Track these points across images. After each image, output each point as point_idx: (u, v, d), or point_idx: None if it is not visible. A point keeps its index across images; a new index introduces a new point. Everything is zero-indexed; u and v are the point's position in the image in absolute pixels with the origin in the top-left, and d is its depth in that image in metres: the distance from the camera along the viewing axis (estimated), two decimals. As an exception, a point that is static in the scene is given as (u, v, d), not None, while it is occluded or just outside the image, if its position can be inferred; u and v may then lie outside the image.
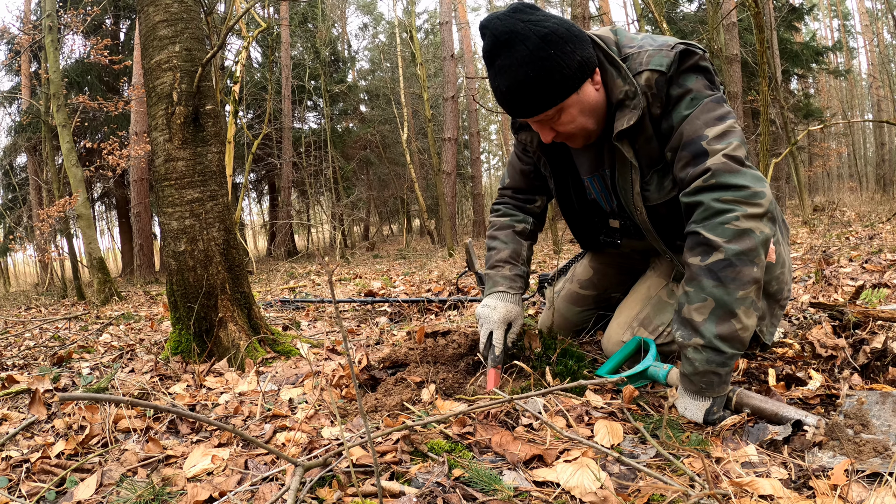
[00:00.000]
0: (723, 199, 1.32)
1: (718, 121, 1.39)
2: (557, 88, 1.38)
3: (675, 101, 1.43)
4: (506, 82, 1.39)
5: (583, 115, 1.45)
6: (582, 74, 1.39)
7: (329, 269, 0.82)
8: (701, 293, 1.31)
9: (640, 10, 10.46)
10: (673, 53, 1.41)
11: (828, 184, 22.98)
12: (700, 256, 1.33)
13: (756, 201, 1.31)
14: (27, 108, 12.77)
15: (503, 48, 1.36)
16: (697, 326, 1.32)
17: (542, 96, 1.38)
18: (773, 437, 1.22)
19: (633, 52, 1.46)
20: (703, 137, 1.38)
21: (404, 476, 1.14)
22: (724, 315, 1.29)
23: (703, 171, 1.35)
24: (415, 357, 1.81)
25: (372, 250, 16.80)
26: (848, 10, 28.00)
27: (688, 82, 1.43)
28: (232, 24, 4.17)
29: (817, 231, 6.81)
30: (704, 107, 1.40)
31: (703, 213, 1.34)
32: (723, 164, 1.33)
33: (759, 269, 1.30)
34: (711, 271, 1.30)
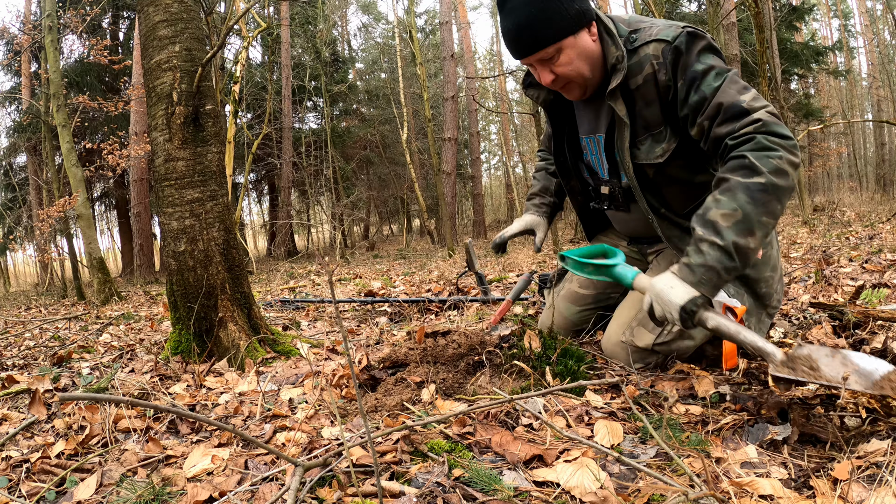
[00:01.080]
0: (772, 141, 1.42)
1: (745, 90, 1.52)
2: (556, 28, 1.55)
3: (702, 74, 1.54)
4: (513, 21, 1.58)
5: (580, 60, 1.61)
6: (579, 21, 1.57)
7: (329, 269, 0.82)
8: (733, 203, 1.40)
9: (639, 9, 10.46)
10: (681, 31, 1.55)
11: (828, 184, 22.97)
12: (742, 175, 1.42)
13: (797, 152, 1.44)
14: (27, 108, 12.76)
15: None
16: (720, 229, 1.40)
17: (543, 33, 1.56)
18: (773, 437, 1.22)
19: (645, 26, 1.63)
20: (742, 101, 1.48)
21: (404, 476, 1.14)
22: (745, 229, 1.39)
23: (755, 121, 1.45)
24: (415, 357, 1.81)
25: (372, 250, 16.81)
26: (850, 8, 28.00)
27: (709, 59, 1.55)
28: (232, 24, 4.18)
29: (817, 231, 6.81)
30: (731, 79, 1.52)
31: (754, 145, 1.43)
32: (770, 118, 1.45)
33: (781, 209, 1.43)
34: (749, 189, 1.40)
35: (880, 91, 21.75)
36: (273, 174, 18.87)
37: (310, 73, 17.56)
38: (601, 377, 1.72)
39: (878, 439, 1.17)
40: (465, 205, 24.32)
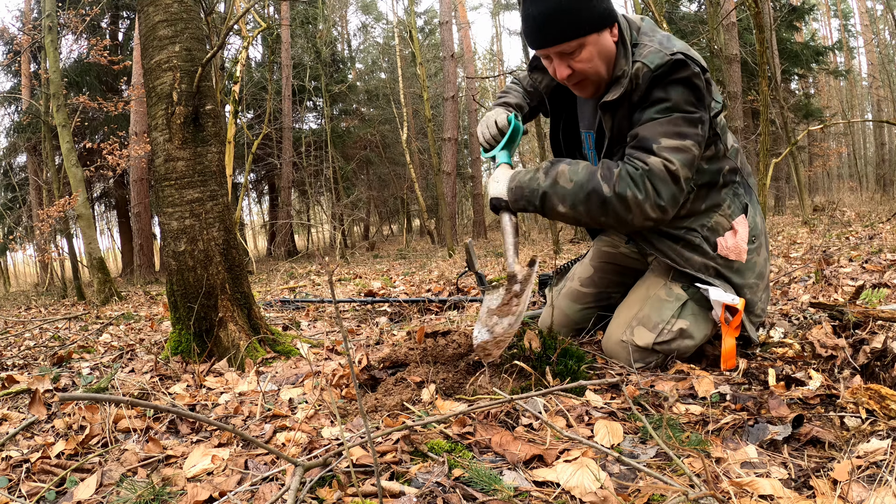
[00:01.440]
0: (645, 185, 1.58)
1: (678, 136, 1.57)
2: (583, 23, 1.57)
3: (653, 102, 1.60)
4: (541, 8, 1.57)
5: (599, 59, 1.63)
6: (605, 19, 1.60)
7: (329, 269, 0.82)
8: (579, 177, 1.66)
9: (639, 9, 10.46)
10: (669, 59, 1.56)
11: (828, 184, 22.98)
12: (605, 174, 1.63)
13: (654, 212, 1.60)
14: (27, 108, 12.76)
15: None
16: (552, 179, 1.69)
17: (570, 26, 1.56)
18: (773, 437, 1.22)
19: (645, 42, 1.66)
20: (656, 141, 1.58)
21: (404, 476, 1.14)
22: (563, 197, 1.67)
23: (644, 163, 1.59)
24: (415, 357, 1.81)
25: (372, 250, 16.81)
26: (850, 8, 27.99)
27: (672, 92, 1.58)
28: (232, 24, 4.18)
29: (817, 231, 6.81)
30: (673, 120, 1.58)
31: (631, 171, 1.60)
32: (660, 171, 1.57)
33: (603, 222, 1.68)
34: (595, 187, 1.62)
35: (880, 91, 21.75)
36: (273, 174, 18.87)
37: (310, 73, 17.55)
38: (601, 377, 1.72)
39: (878, 439, 1.17)
40: (465, 205, 24.33)
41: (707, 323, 1.78)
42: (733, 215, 1.81)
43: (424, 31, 23.05)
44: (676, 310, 1.77)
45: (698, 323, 1.77)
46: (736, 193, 1.83)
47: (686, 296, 1.78)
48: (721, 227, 1.79)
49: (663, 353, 1.77)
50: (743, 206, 1.84)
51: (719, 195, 1.80)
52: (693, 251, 1.78)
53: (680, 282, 1.80)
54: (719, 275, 1.79)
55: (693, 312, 1.77)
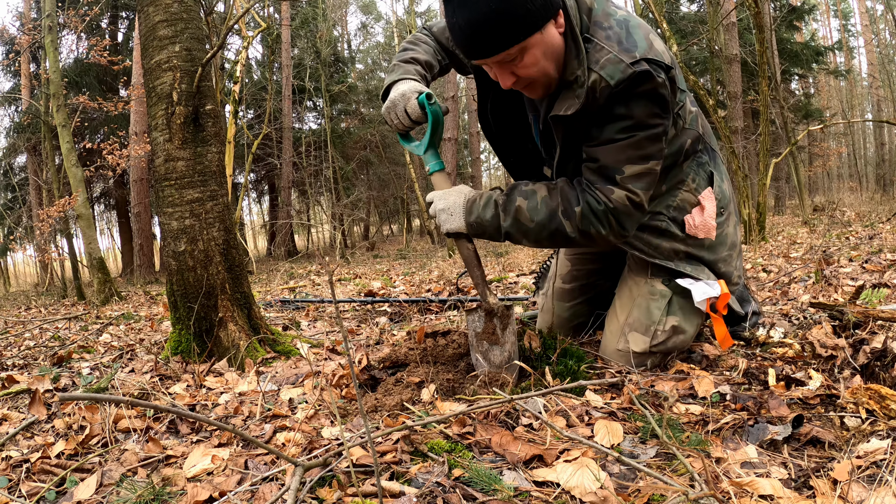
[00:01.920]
0: (608, 221, 1.53)
1: (641, 160, 1.48)
2: (521, 24, 1.34)
3: (614, 118, 1.46)
4: (466, 15, 1.35)
5: (546, 59, 1.42)
6: (546, 13, 1.36)
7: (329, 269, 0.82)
8: (539, 215, 1.57)
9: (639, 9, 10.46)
10: (630, 72, 1.39)
11: (828, 184, 22.98)
12: (564, 208, 1.55)
13: (618, 239, 1.58)
14: (27, 108, 12.77)
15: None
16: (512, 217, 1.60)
17: (505, 32, 1.34)
18: (773, 437, 1.22)
19: (600, 39, 1.44)
20: (619, 171, 1.49)
21: (404, 476, 1.14)
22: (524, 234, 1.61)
23: (608, 199, 1.51)
24: (415, 357, 1.81)
25: (372, 250, 16.81)
26: (850, 7, 27.99)
27: (634, 108, 1.44)
28: (232, 24, 4.18)
29: (817, 231, 6.81)
30: (636, 142, 1.46)
31: (594, 206, 1.53)
32: (623, 206, 1.51)
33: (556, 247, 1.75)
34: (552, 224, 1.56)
35: (880, 91, 21.75)
36: (273, 174, 18.87)
37: (310, 73, 17.56)
38: (601, 377, 1.72)
39: (878, 439, 1.17)
40: (465, 205, 24.27)
41: (697, 314, 1.76)
42: (699, 189, 1.71)
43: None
44: (664, 308, 1.73)
45: (688, 316, 1.75)
46: (700, 163, 1.73)
47: (670, 291, 1.74)
48: (688, 203, 1.70)
49: (661, 353, 1.77)
50: (708, 176, 1.73)
51: (681, 171, 1.70)
52: (660, 237, 1.71)
53: (660, 276, 1.75)
54: (690, 257, 1.72)
55: (681, 307, 1.74)
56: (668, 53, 1.49)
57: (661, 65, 1.41)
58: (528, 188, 1.62)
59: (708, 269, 1.75)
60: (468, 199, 1.67)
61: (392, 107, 1.73)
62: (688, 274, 1.72)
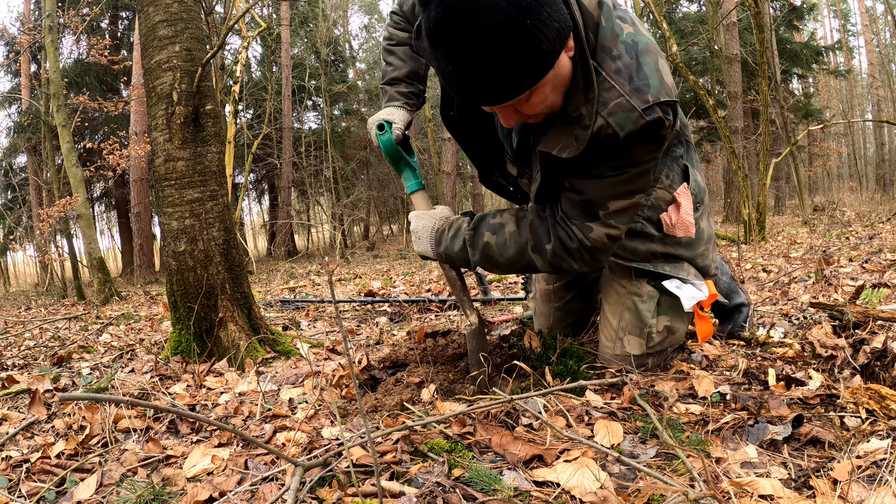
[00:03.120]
0: (581, 256, 1.47)
1: (628, 196, 1.38)
2: (535, 68, 1.11)
3: (609, 157, 1.33)
4: (465, 67, 1.09)
5: (555, 93, 1.23)
6: (560, 44, 1.14)
7: (329, 269, 0.82)
8: (510, 251, 1.53)
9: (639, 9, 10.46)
10: (642, 123, 1.25)
11: (828, 184, 22.98)
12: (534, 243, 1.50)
13: (589, 269, 1.55)
14: (27, 108, 12.77)
15: (458, 23, 1.05)
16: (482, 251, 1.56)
17: (516, 80, 1.12)
18: (773, 437, 1.22)
19: (609, 76, 1.26)
20: (604, 207, 1.40)
21: (404, 476, 1.14)
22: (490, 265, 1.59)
23: (585, 237, 1.44)
24: (415, 357, 1.81)
25: (372, 250, 16.81)
26: (850, 8, 27.99)
27: (634, 150, 1.31)
28: (232, 24, 4.18)
29: (817, 231, 6.81)
30: (626, 179, 1.35)
31: (567, 243, 1.46)
32: (601, 243, 1.44)
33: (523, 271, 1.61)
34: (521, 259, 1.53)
35: (880, 91, 21.75)
36: (273, 174, 18.87)
37: (310, 72, 17.56)
38: (601, 377, 1.72)
39: (878, 439, 1.17)
40: (465, 205, 24.31)
41: (684, 312, 1.74)
42: (673, 185, 1.63)
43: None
44: (654, 309, 1.71)
45: (678, 314, 1.73)
46: (673, 157, 1.63)
47: (657, 292, 1.71)
48: (663, 201, 1.63)
49: (658, 353, 1.76)
50: (682, 171, 1.65)
51: None
52: (636, 239, 1.65)
53: (644, 277, 1.72)
54: (668, 257, 1.68)
55: (670, 305, 1.72)
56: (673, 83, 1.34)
57: (671, 104, 1.28)
58: (495, 221, 1.55)
59: (689, 263, 1.72)
60: (436, 228, 1.62)
61: (373, 125, 1.72)
62: (670, 275, 1.69)
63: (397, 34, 1.77)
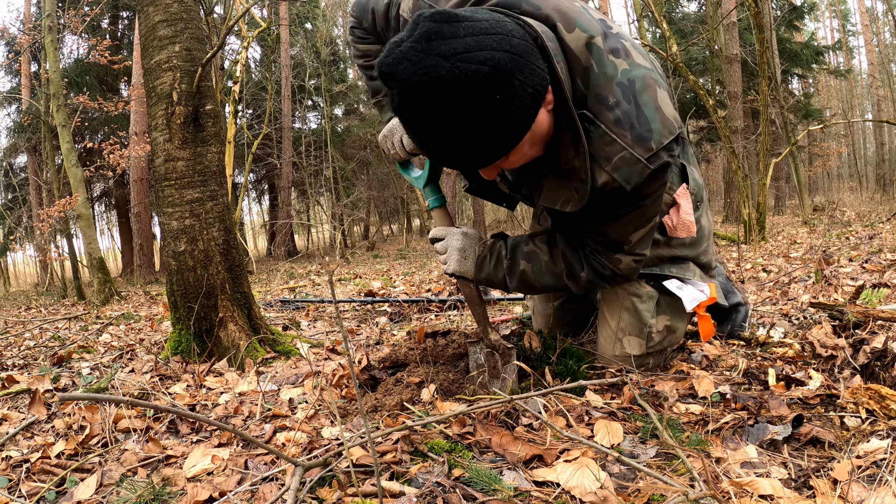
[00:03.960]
0: (613, 279, 1.55)
1: (647, 222, 1.44)
2: (507, 139, 1.12)
3: (620, 203, 1.35)
4: (436, 145, 1.11)
5: (533, 148, 1.24)
6: (535, 107, 1.12)
7: (329, 269, 0.82)
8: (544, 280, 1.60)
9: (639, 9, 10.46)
10: (647, 172, 1.24)
11: (828, 184, 22.99)
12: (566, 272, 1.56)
13: (621, 283, 1.62)
14: (27, 108, 12.77)
15: (423, 107, 1.02)
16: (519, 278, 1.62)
17: (488, 152, 1.13)
18: (773, 437, 1.22)
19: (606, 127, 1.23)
20: (627, 242, 1.47)
21: (404, 476, 1.14)
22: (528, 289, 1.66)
23: (616, 268, 1.50)
24: (415, 357, 1.81)
25: (372, 250, 16.81)
26: (848, 9, 28.00)
27: (642, 191, 1.32)
28: (232, 24, 4.18)
29: (817, 231, 6.81)
30: (643, 211, 1.41)
31: (599, 271, 1.53)
32: (630, 269, 1.52)
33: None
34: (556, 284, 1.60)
35: (880, 91, 21.76)
36: (273, 174, 18.88)
37: (309, 72, 17.56)
38: (601, 377, 1.72)
39: (878, 439, 1.17)
40: (465, 204, 24.31)
41: (684, 310, 1.74)
42: (673, 187, 1.64)
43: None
44: (653, 309, 1.71)
45: (677, 313, 1.73)
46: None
47: (656, 292, 1.72)
48: (665, 204, 1.64)
49: (658, 353, 1.76)
50: (680, 171, 1.66)
51: None
52: None
53: (643, 278, 1.72)
54: (675, 259, 1.70)
55: (669, 304, 1.72)
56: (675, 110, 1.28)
57: (675, 140, 1.26)
58: (528, 249, 1.60)
59: (693, 262, 1.73)
60: (478, 255, 1.65)
61: (389, 135, 1.64)
62: (673, 276, 1.71)
63: (367, 48, 1.70)
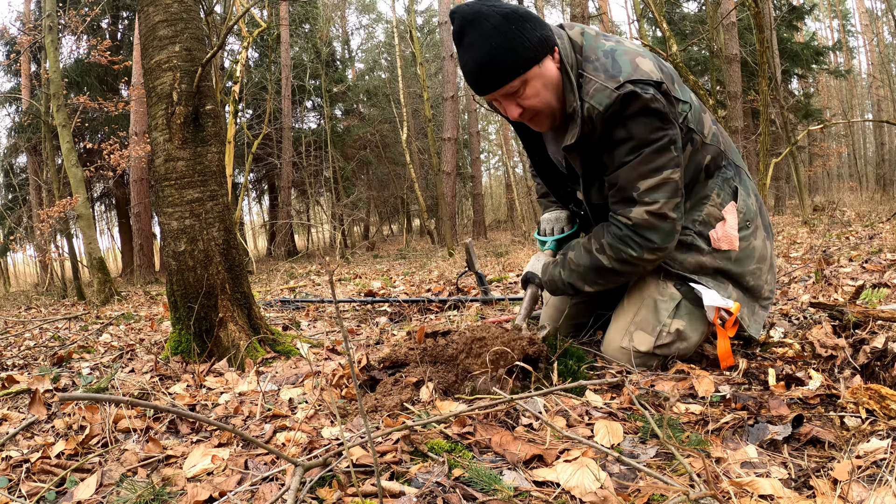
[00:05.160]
0: (632, 240, 1.64)
1: (654, 172, 1.57)
2: (520, 58, 1.51)
3: (618, 143, 1.58)
4: (473, 56, 1.53)
5: (546, 90, 1.58)
6: (542, 48, 1.53)
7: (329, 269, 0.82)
8: (581, 260, 1.78)
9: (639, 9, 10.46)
10: (615, 96, 1.52)
11: (828, 184, 22.97)
12: (596, 246, 1.73)
13: (654, 255, 1.66)
14: (27, 108, 12.77)
15: (470, 27, 1.53)
16: (566, 269, 1.83)
17: (507, 66, 1.51)
18: (773, 437, 1.22)
19: (589, 74, 1.59)
20: (635, 189, 1.60)
21: (404, 476, 1.14)
22: (580, 279, 1.80)
23: (627, 218, 1.63)
24: (415, 357, 1.81)
25: (372, 250, 16.81)
26: (848, 10, 28.00)
27: (633, 128, 1.55)
28: (232, 25, 4.18)
29: (817, 231, 6.81)
30: (644, 158, 1.57)
31: (617, 233, 1.67)
32: (643, 220, 1.61)
33: (621, 279, 1.78)
34: (593, 262, 1.74)
35: (880, 91, 21.75)
36: (273, 174, 18.87)
37: (309, 72, 17.56)
38: (601, 377, 1.72)
39: (878, 439, 1.17)
40: (465, 204, 24.32)
41: (702, 322, 1.77)
42: (723, 203, 1.77)
43: (424, 30, 23.06)
44: (672, 310, 1.75)
45: (693, 323, 1.76)
46: (724, 179, 1.79)
47: (680, 295, 1.76)
48: (713, 217, 1.76)
49: (663, 356, 1.77)
50: (733, 191, 1.79)
51: (706, 186, 1.77)
52: (687, 251, 1.75)
53: (672, 279, 1.78)
54: (718, 272, 1.76)
55: (688, 312, 1.76)
56: (661, 70, 1.58)
57: (648, 82, 1.52)
58: (573, 242, 1.87)
59: (735, 282, 1.77)
60: (545, 263, 1.96)
61: (551, 218, 2.13)
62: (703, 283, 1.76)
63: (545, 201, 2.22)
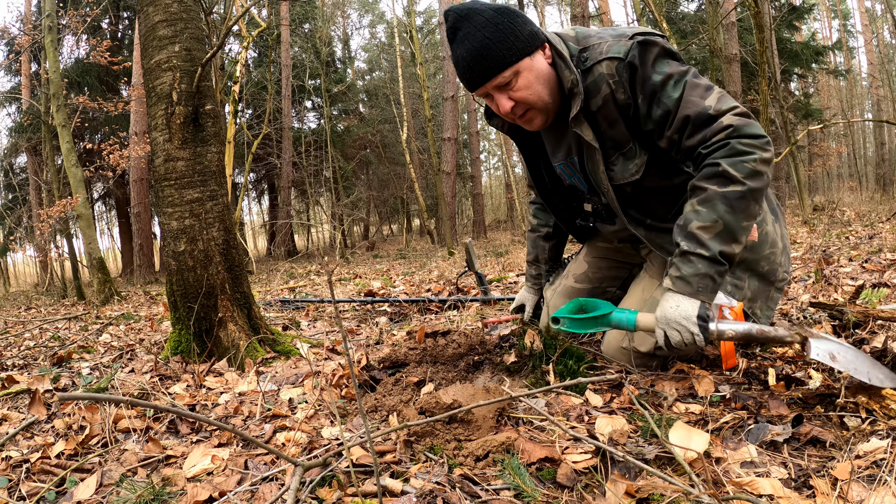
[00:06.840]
0: (745, 143, 1.45)
1: (708, 90, 1.52)
2: (513, 48, 1.52)
3: (661, 86, 1.53)
4: (467, 47, 1.54)
5: (538, 83, 1.57)
6: (533, 42, 1.55)
7: (329, 269, 0.82)
8: (713, 214, 1.46)
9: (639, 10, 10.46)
10: (630, 43, 1.52)
11: (828, 183, 22.97)
12: (718, 183, 1.46)
13: (769, 148, 1.47)
14: (27, 108, 12.77)
15: (463, 21, 1.56)
16: (704, 241, 1.46)
17: (499, 55, 1.52)
18: (773, 436, 1.22)
19: (594, 42, 1.59)
20: (708, 108, 1.49)
21: (404, 476, 1.14)
22: (727, 238, 1.46)
23: (726, 127, 1.47)
24: (415, 357, 1.81)
25: (372, 250, 16.80)
26: (848, 9, 28.00)
27: (665, 67, 1.53)
28: (231, 25, 4.18)
29: (817, 231, 6.81)
30: (691, 84, 1.52)
31: (728, 151, 1.46)
32: (739, 120, 1.47)
33: (760, 208, 1.52)
34: (727, 198, 1.45)
35: (880, 91, 21.75)
36: (273, 174, 18.87)
37: (309, 72, 17.56)
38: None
39: (878, 439, 1.17)
40: (465, 204, 24.32)
41: None
42: None
43: (423, 30, 23.06)
44: None
45: None
46: None
47: None
48: None
49: (662, 357, 1.76)
50: None
51: None
52: None
53: None
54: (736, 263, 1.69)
55: None
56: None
57: (653, 33, 1.56)
58: (678, 226, 1.52)
59: (751, 270, 1.73)
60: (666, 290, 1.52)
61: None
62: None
63: (531, 222, 2.22)
